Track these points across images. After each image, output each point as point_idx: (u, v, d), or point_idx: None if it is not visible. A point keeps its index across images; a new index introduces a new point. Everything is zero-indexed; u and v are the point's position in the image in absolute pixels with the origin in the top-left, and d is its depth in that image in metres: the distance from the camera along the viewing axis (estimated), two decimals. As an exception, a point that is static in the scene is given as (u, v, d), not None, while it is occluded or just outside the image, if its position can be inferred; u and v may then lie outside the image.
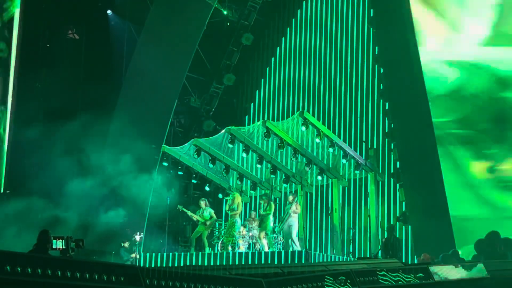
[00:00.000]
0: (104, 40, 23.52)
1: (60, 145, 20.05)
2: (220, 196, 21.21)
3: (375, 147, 21.76)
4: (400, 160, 21.36)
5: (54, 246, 10.60)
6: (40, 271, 7.17)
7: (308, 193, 21.52)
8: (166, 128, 22.27)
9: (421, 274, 11.38)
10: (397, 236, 19.52)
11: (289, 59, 24.13)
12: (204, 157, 19.40)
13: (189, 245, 19.73)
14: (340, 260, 17.84)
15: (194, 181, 21.41)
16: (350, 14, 23.29)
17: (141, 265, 17.17)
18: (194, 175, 20.59)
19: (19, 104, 21.92)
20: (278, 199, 21.14)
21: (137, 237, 19.04)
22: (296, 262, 15.84)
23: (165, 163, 19.48)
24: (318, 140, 18.71)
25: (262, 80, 24.52)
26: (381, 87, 22.34)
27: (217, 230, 19.19)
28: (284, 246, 18.13)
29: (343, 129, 22.57)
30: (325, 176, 19.93)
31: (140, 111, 21.32)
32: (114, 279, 7.63)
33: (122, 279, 7.71)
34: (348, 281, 10.16)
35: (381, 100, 22.31)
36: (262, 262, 16.28)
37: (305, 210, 20.47)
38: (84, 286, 7.44)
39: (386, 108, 22.12)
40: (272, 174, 19.93)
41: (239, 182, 20.60)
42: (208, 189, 20.99)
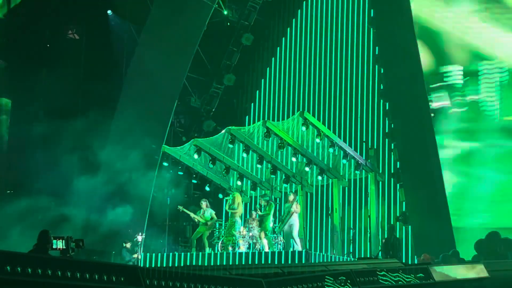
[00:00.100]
0: (104, 40, 23.53)
1: (60, 145, 20.06)
2: (221, 196, 21.20)
3: (375, 147, 21.75)
4: (400, 160, 21.35)
5: (54, 246, 10.60)
6: (40, 271, 7.17)
7: (308, 193, 21.53)
8: (166, 128, 22.27)
9: (421, 274, 11.38)
10: (397, 236, 19.54)
11: (289, 59, 24.12)
12: (204, 157, 19.40)
13: (189, 245, 19.73)
14: (340, 260, 17.83)
15: (194, 181, 21.41)
16: (351, 14, 23.28)
17: (142, 265, 17.17)
18: (194, 175, 20.59)
19: (19, 104, 21.92)
20: (278, 199, 21.15)
21: (139, 238, 19.02)
22: (296, 262, 15.83)
23: (165, 163, 19.48)
24: (318, 140, 18.71)
25: (262, 80, 24.51)
26: (381, 87, 22.34)
27: (217, 231, 19.20)
28: (285, 246, 18.13)
29: (343, 129, 22.56)
30: (325, 176, 19.93)
31: (141, 111, 21.32)
32: (114, 279, 7.64)
33: (122, 279, 7.71)
34: (348, 281, 10.16)
35: (381, 100, 22.31)
36: (262, 262, 16.28)
37: (305, 210, 20.47)
38: (84, 286, 7.44)
39: (387, 108, 22.11)
40: (272, 174, 19.93)
41: (239, 182, 20.59)
42: (208, 189, 20.99)
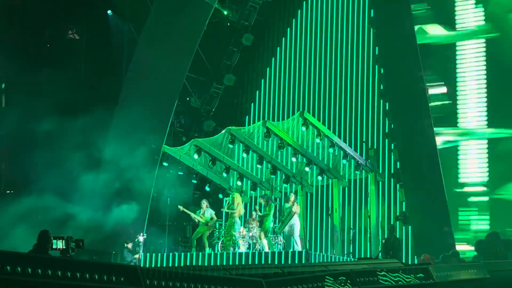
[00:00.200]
0: (104, 40, 23.52)
1: (60, 145, 20.04)
2: (221, 196, 21.20)
3: (375, 147, 21.75)
4: (400, 160, 21.35)
5: (54, 246, 10.60)
6: (40, 271, 7.17)
7: (308, 193, 21.53)
8: (166, 128, 22.27)
9: (421, 275, 11.38)
10: (397, 236, 19.54)
11: (289, 59, 24.12)
12: (204, 157, 19.40)
13: (189, 245, 19.73)
14: (340, 260, 17.83)
15: (194, 181, 21.41)
16: (351, 14, 23.28)
17: (142, 265, 17.16)
18: (194, 175, 20.60)
19: (18, 104, 21.89)
20: (278, 199, 21.14)
21: (140, 238, 19.02)
22: (296, 262, 15.83)
23: (165, 163, 19.48)
24: (318, 140, 18.71)
25: (262, 80, 24.50)
26: (382, 87, 22.34)
27: (217, 231, 19.19)
28: (285, 246, 18.13)
29: (343, 129, 22.56)
30: (325, 176, 19.93)
31: (141, 111, 21.30)
32: (114, 279, 7.64)
33: (122, 279, 7.71)
34: (348, 281, 10.16)
35: (381, 101, 22.30)
36: (262, 262, 16.27)
37: (305, 210, 20.47)
38: (84, 286, 7.44)
39: (387, 108, 22.11)
40: (272, 174, 19.93)
41: (239, 183, 20.58)
42: (208, 189, 20.99)
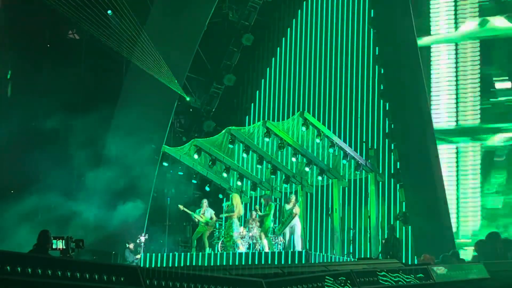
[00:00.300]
0: (104, 40, 23.49)
1: (59, 145, 20.05)
2: (221, 196, 21.19)
3: (375, 147, 21.75)
4: (400, 160, 21.35)
5: (54, 246, 10.59)
6: (40, 271, 7.17)
7: (308, 194, 21.52)
8: (166, 129, 22.26)
9: (421, 275, 11.39)
10: (397, 237, 19.54)
11: (290, 59, 24.11)
12: (204, 157, 19.39)
13: (189, 245, 19.72)
14: (340, 260, 17.82)
15: (194, 181, 21.40)
16: (351, 14, 23.28)
17: (142, 265, 17.16)
18: (194, 175, 20.59)
19: (19, 104, 21.90)
20: (278, 199, 21.13)
21: (142, 238, 19.03)
22: (296, 262, 15.82)
23: (165, 163, 19.47)
24: (318, 141, 18.70)
25: (263, 80, 24.49)
26: (382, 87, 22.34)
27: (217, 231, 19.18)
28: (285, 247, 18.12)
29: (344, 129, 22.54)
30: (325, 176, 19.92)
31: (141, 111, 21.31)
32: (114, 279, 7.64)
33: (122, 279, 7.71)
34: (348, 281, 10.16)
35: (381, 101, 22.30)
36: (262, 262, 16.26)
37: (305, 211, 20.46)
38: (84, 286, 7.44)
39: (387, 108, 22.10)
40: (272, 174, 19.92)
41: (239, 183, 20.57)
42: (208, 189, 20.98)
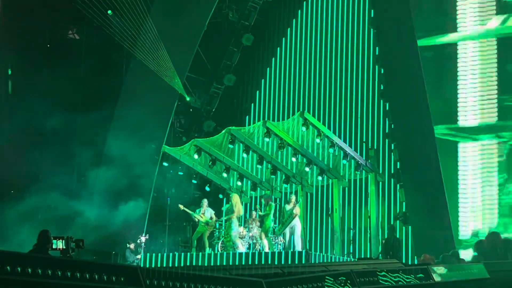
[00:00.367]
0: (104, 40, 23.49)
1: (59, 145, 20.05)
2: (221, 196, 21.19)
3: (375, 147, 21.75)
4: (400, 160, 21.35)
5: (54, 246, 10.59)
6: (40, 271, 7.17)
7: (309, 194, 21.52)
8: (166, 129, 22.26)
9: (421, 275, 11.39)
10: (397, 237, 19.54)
11: (290, 59, 24.11)
12: (204, 157, 19.39)
13: (189, 245, 19.72)
14: (340, 260, 17.82)
15: (194, 181, 21.40)
16: (351, 14, 23.28)
17: (142, 265, 17.16)
18: (194, 175, 20.59)
19: (17, 104, 21.90)
20: (278, 199, 21.13)
21: (143, 239, 19.04)
22: (296, 262, 15.82)
23: (165, 163, 19.48)
24: (318, 141, 18.70)
25: (263, 80, 24.49)
26: (382, 87, 22.34)
27: (217, 231, 19.18)
28: (285, 247, 18.12)
29: (344, 129, 22.54)
30: (325, 176, 19.92)
31: (141, 111, 21.31)
32: (114, 279, 7.64)
33: (122, 279, 7.71)
34: (348, 281, 10.16)
35: (381, 101, 22.30)
36: (262, 262, 16.26)
37: (305, 211, 20.46)
38: (84, 286, 7.44)
39: (387, 108, 22.10)
40: (272, 174, 19.92)
41: (239, 183, 20.56)
42: (208, 189, 20.98)
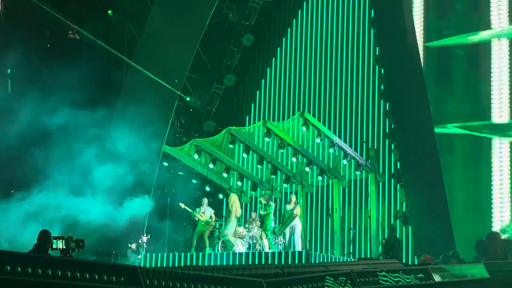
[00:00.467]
0: (104, 40, 23.50)
1: (59, 145, 20.03)
2: (221, 196, 21.18)
3: (375, 147, 21.75)
4: (400, 160, 21.35)
5: (54, 246, 10.58)
6: (40, 271, 7.18)
7: (309, 194, 21.52)
8: (166, 129, 22.26)
9: (421, 275, 11.39)
10: (397, 237, 19.53)
11: (290, 59, 24.12)
12: (204, 157, 19.39)
13: (189, 245, 19.72)
14: (340, 260, 17.82)
15: (194, 181, 21.39)
16: (351, 14, 23.28)
17: (142, 265, 17.16)
18: (194, 175, 20.59)
19: (17, 104, 21.88)
20: (278, 199, 21.12)
21: (144, 239, 19.04)
22: (297, 262, 15.82)
23: (165, 163, 19.47)
24: (318, 141, 18.69)
25: (263, 80, 24.50)
26: (382, 87, 22.34)
27: (217, 231, 19.17)
28: (285, 247, 18.12)
29: (344, 129, 22.55)
30: (325, 176, 19.91)
31: (141, 111, 21.30)
32: (114, 279, 7.64)
33: (122, 279, 7.71)
34: (349, 281, 10.17)
35: (381, 101, 22.31)
36: (263, 262, 16.25)
37: (305, 211, 20.45)
38: (84, 286, 7.45)
39: (387, 108, 22.11)
40: (272, 174, 19.91)
41: (239, 183, 20.56)
42: (208, 189, 20.97)
